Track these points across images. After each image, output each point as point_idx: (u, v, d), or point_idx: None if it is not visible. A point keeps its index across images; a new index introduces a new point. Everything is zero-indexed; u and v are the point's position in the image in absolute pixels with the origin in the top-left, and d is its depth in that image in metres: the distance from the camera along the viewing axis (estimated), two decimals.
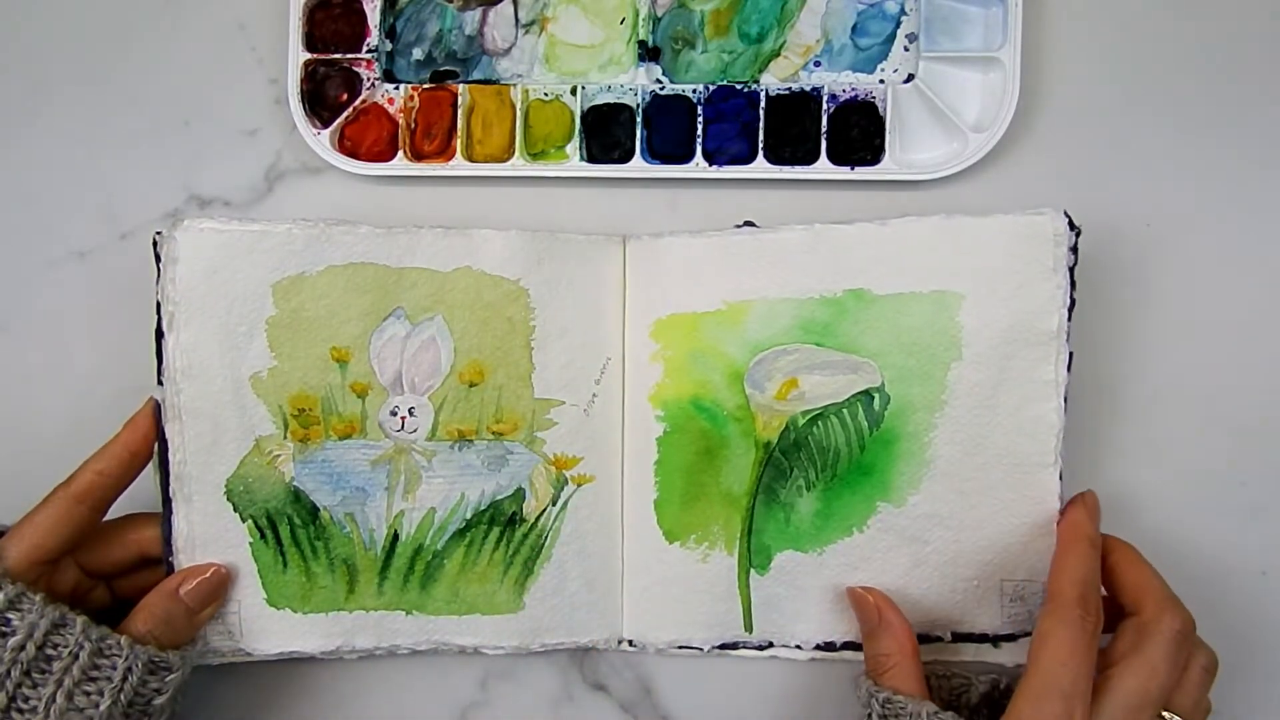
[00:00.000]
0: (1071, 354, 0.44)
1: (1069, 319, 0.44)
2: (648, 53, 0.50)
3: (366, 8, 0.50)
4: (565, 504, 0.47)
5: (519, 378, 0.47)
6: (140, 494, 0.45)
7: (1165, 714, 0.39)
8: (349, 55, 0.50)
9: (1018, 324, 0.44)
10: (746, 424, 0.47)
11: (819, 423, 0.46)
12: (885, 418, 0.46)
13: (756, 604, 0.47)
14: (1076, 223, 0.44)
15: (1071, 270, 0.44)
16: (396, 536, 0.47)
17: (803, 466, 0.46)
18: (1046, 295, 0.44)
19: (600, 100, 0.50)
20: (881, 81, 0.49)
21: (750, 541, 0.47)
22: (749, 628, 0.47)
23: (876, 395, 0.46)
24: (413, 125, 0.50)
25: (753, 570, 0.47)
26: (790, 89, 0.49)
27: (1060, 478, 0.45)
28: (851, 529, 0.46)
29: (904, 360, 0.46)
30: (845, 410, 0.46)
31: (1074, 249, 0.44)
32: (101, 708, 0.40)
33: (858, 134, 0.49)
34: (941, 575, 0.46)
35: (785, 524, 0.47)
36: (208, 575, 0.45)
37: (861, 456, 0.46)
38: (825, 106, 0.49)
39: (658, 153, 0.50)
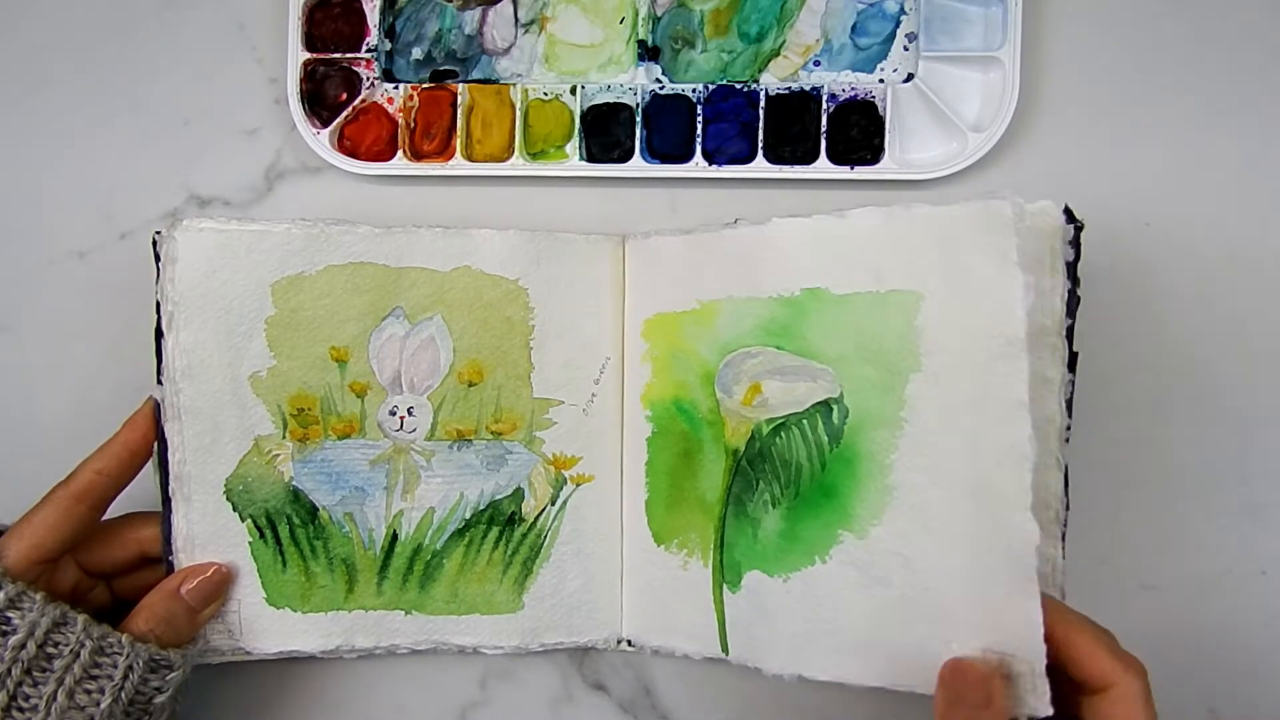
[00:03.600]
0: (1076, 354, 0.41)
1: (1069, 315, 0.39)
2: (647, 52, 0.50)
3: (366, 7, 0.50)
4: (564, 504, 0.48)
5: (518, 377, 0.47)
6: (140, 494, 0.45)
7: None
8: (348, 55, 0.50)
9: (983, 331, 0.38)
10: (718, 428, 0.45)
11: (781, 433, 0.43)
12: (845, 432, 0.41)
13: (730, 622, 0.45)
14: (1078, 215, 0.40)
15: (1073, 266, 0.40)
16: (395, 536, 0.47)
17: (768, 479, 0.43)
18: (1012, 295, 0.37)
19: (600, 100, 0.50)
20: (881, 81, 0.49)
21: (723, 555, 0.45)
22: (725, 648, 0.45)
23: (835, 407, 0.41)
24: (412, 125, 0.50)
25: (725, 586, 0.45)
26: (790, 89, 0.49)
27: (1062, 536, 0.40)
28: (814, 557, 0.42)
29: (862, 370, 0.40)
30: (805, 421, 0.42)
31: (1075, 243, 0.40)
32: (102, 706, 0.40)
33: (857, 133, 0.49)
34: (912, 630, 0.39)
35: (754, 540, 0.44)
36: (209, 574, 0.45)
37: (824, 476, 0.42)
38: (825, 106, 0.49)
39: (657, 152, 0.50)
